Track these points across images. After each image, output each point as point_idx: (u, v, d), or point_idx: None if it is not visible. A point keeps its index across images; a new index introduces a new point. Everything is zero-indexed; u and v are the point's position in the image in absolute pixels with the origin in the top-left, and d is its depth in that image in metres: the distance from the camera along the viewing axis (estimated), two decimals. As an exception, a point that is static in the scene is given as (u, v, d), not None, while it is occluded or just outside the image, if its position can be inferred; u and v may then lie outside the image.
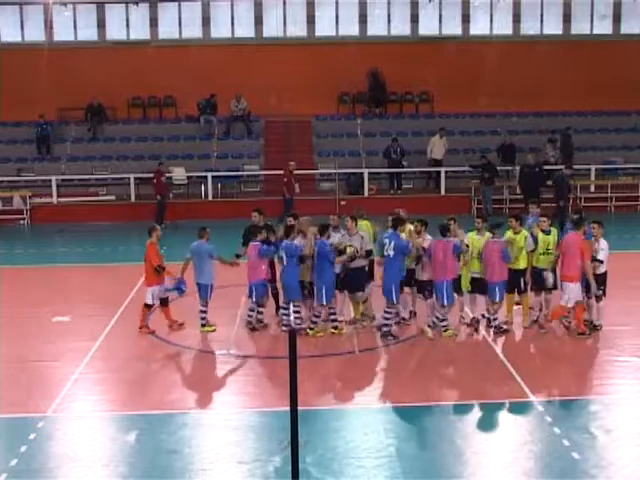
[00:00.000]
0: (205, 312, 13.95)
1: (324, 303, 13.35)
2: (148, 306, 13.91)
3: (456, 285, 13.42)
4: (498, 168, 27.73)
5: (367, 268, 13.94)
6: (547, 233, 13.59)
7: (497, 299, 13.37)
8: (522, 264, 13.54)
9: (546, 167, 26.91)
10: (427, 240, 13.45)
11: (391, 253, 12.98)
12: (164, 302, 14.07)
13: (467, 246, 13.44)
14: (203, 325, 13.94)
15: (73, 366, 12.18)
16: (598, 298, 13.46)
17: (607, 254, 13.44)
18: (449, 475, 8.74)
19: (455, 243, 13.09)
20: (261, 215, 14.52)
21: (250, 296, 13.84)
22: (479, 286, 13.60)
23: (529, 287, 13.83)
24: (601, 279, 13.39)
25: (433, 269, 13.22)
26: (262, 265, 13.68)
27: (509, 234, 13.58)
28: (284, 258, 13.39)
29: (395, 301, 13.17)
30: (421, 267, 13.53)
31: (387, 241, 13.06)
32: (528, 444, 9.42)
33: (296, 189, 25.78)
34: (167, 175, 26.68)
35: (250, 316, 13.95)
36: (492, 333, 13.52)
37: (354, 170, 28.23)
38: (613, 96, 29.97)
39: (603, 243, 13.43)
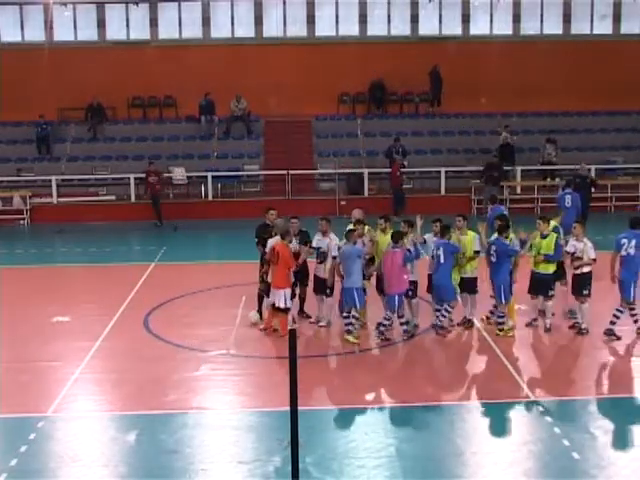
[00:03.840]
0: (355, 318, 13.29)
1: (503, 302, 13.20)
2: (284, 310, 13.27)
3: None
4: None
5: None
6: (543, 237, 13.46)
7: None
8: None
9: (548, 167, 27.04)
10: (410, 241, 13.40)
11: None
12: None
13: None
14: (349, 332, 13.12)
15: (73, 366, 12.15)
16: (583, 299, 13.26)
17: (593, 253, 13.19)
18: (449, 475, 8.73)
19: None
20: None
21: (390, 306, 13.06)
22: (469, 286, 13.63)
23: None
24: (585, 279, 13.16)
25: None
26: (405, 273, 13.06)
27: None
28: (441, 256, 13.10)
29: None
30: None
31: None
32: (528, 444, 9.40)
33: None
34: (165, 175, 26.21)
35: (385, 326, 13.17)
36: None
37: (354, 170, 28.24)
38: (613, 96, 30.00)
39: (586, 242, 13.21)
